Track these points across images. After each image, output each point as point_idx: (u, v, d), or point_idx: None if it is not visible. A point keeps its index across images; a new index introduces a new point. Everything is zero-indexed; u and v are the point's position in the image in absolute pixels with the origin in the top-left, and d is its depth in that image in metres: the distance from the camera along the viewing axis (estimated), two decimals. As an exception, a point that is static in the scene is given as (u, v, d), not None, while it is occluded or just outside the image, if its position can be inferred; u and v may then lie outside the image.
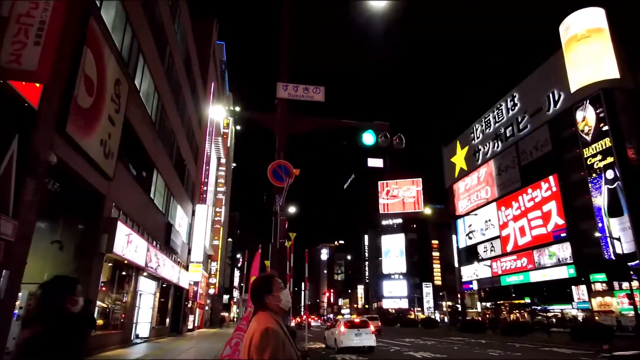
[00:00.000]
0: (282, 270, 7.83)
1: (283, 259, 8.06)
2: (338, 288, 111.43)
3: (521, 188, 41.56)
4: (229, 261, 55.33)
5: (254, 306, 2.41)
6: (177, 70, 20.70)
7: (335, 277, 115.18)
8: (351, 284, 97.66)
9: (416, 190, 74.20)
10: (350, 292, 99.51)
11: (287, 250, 11.10)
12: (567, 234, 35.24)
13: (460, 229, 54.14)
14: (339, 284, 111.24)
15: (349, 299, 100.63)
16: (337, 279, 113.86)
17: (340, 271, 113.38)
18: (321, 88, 8.19)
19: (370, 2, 9.61)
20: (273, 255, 7.12)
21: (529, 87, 41.94)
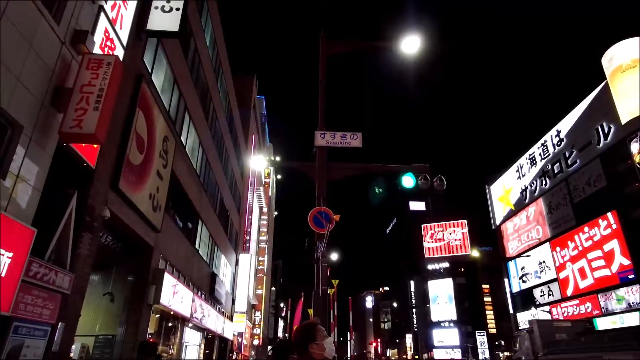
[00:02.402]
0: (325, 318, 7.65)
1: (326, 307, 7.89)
2: (385, 337, 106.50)
3: (576, 227, 39.10)
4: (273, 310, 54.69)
5: (297, 356, 2.36)
6: (220, 125, 21.79)
7: (381, 326, 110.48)
8: (399, 333, 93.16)
9: (462, 233, 71.54)
10: (398, 342, 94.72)
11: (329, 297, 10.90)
12: (635, 276, 32.35)
13: (512, 272, 51.13)
14: (386, 333, 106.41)
15: (397, 349, 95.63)
16: (384, 328, 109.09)
17: (386, 319, 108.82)
18: (358, 134, 8.33)
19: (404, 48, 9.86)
20: (316, 303, 7.00)
21: (573, 121, 40.59)
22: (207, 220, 18.57)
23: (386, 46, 9.52)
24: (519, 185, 50.36)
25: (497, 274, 59.15)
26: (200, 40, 16.80)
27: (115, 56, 6.70)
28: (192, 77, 15.53)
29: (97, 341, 9.67)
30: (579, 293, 38.70)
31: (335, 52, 9.78)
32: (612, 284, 34.63)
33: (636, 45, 33.95)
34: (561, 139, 42.34)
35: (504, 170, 54.05)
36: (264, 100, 47.39)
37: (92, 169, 7.43)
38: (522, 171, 49.81)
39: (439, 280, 71.91)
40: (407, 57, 9.57)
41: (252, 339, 34.02)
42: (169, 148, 11.86)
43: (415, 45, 8.98)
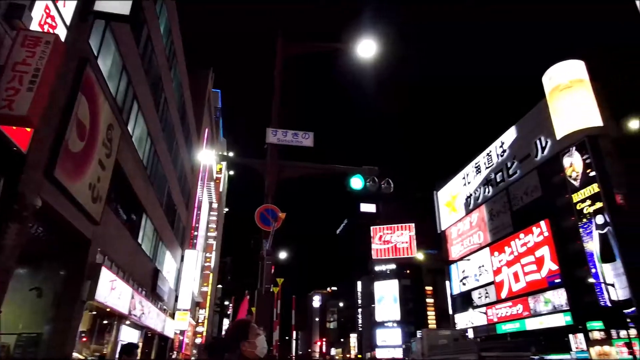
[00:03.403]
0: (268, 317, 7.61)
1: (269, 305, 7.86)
2: (330, 337, 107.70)
3: (513, 233, 41.61)
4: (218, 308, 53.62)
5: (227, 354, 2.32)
6: (172, 117, 21.06)
7: (327, 325, 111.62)
8: (344, 333, 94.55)
9: (409, 236, 73.88)
10: (343, 341, 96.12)
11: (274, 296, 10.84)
12: (561, 280, 34.92)
13: (453, 275, 53.50)
14: (332, 333, 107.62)
15: (342, 349, 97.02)
16: (330, 327, 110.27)
17: (333, 319, 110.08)
18: (310, 134, 8.36)
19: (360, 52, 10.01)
20: (259, 301, 6.94)
21: (516, 133, 43.14)
22: (152, 214, 17.88)
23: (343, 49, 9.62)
24: (464, 192, 52.78)
25: (441, 276, 61.64)
26: (153, 28, 16.15)
27: (55, 35, 6.27)
28: (143, 65, 14.90)
29: (20, 340, 9.00)
30: (512, 296, 41.21)
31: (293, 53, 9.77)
32: (542, 288, 37.20)
33: (573, 67, 36.69)
34: (504, 150, 44.86)
35: (452, 177, 56.48)
36: (219, 94, 46.36)
37: (23, 154, 6.91)
38: (467, 179, 52.24)
39: (386, 281, 73.74)
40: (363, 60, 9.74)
41: (195, 337, 33.18)
42: (114, 137, 11.29)
43: (372, 49, 9.15)
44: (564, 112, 35.72)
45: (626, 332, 24.96)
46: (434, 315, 70.25)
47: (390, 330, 71.03)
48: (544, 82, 38.47)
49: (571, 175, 34.11)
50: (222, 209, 51.33)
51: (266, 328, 6.70)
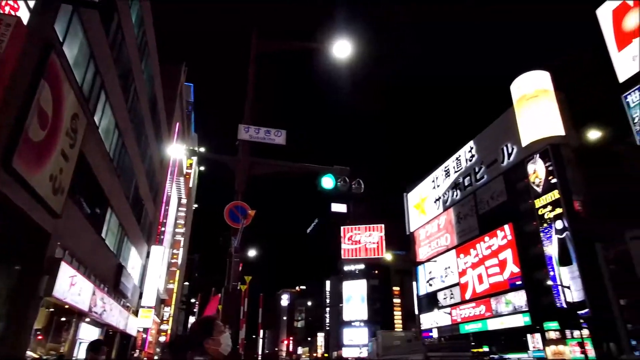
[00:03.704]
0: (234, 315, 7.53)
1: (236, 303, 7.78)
2: (298, 335, 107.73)
3: (479, 236, 42.79)
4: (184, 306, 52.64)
5: (191, 351, 2.27)
6: (142, 109, 20.49)
7: (295, 324, 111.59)
8: (312, 332, 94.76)
9: (378, 236, 74.75)
10: (310, 340, 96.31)
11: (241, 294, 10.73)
12: (522, 282, 36.19)
13: (420, 276, 54.51)
14: (299, 331, 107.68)
15: (309, 348, 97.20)
16: (297, 326, 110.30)
17: (300, 318, 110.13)
18: (283, 132, 8.32)
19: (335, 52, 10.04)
20: (226, 298, 6.86)
21: (485, 139, 44.37)
22: (118, 208, 17.35)
23: (318, 49, 9.61)
24: (433, 195, 53.87)
25: (408, 277, 62.69)
26: (125, 16, 15.66)
27: (17, 17, 5.99)
28: (113, 54, 14.43)
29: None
30: (476, 297, 42.41)
31: (267, 51, 9.69)
32: (504, 289, 38.46)
33: (539, 78, 38.08)
34: (473, 154, 46.07)
35: (422, 179, 57.55)
36: (192, 88, 45.51)
37: (-21, 141, 6.56)
38: (437, 182, 53.34)
39: (354, 281, 74.38)
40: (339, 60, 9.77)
41: (159, 335, 32.46)
42: (79, 127, 10.87)
43: (346, 50, 9.19)
44: (530, 120, 37.03)
45: (579, 333, 26.14)
46: (401, 315, 71.43)
47: (357, 330, 71.72)
48: (512, 91, 39.74)
49: (534, 182, 35.40)
50: (192, 204, 50.42)
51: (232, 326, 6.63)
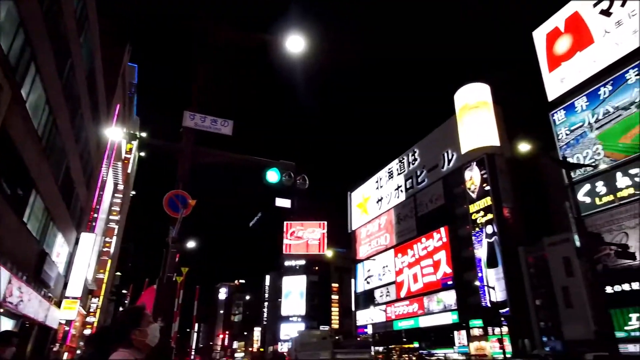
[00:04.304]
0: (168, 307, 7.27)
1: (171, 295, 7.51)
2: (234, 330, 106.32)
3: (416, 237, 44.61)
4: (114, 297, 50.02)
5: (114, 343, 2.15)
6: (78, 86, 19.11)
7: (232, 318, 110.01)
8: (249, 326, 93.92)
9: (321, 233, 75.52)
10: (246, 335, 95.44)
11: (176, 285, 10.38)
12: (453, 282, 38.27)
13: (359, 274, 55.86)
14: (236, 326, 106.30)
15: (245, 342, 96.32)
16: (234, 320, 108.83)
17: (238, 312, 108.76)
18: (230, 122, 8.14)
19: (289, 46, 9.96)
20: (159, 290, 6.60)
21: (428, 144, 46.26)
22: (44, 191, 16.08)
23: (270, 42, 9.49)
24: (376, 195, 55.38)
25: (347, 274, 63.95)
26: (63, -16, 14.51)
27: None
28: (47, 23, 13.31)
29: None
30: (410, 295, 44.28)
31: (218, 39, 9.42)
32: (436, 289, 40.47)
33: (480, 90, 40.35)
34: (416, 158, 47.89)
35: (366, 179, 58.92)
36: (136, 69, 43.19)
37: None
38: (380, 182, 54.88)
39: (294, 276, 74.62)
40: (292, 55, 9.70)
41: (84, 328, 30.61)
42: (2, 100, 9.95)
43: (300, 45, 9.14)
44: (469, 129, 39.15)
45: (500, 330, 28.13)
46: (338, 311, 72.74)
47: (295, 325, 72.02)
48: (455, 100, 41.77)
49: (470, 188, 37.51)
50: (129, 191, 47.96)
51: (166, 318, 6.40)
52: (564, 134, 29.11)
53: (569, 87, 29.30)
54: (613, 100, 26.20)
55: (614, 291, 23.94)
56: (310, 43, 9.59)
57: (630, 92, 25.16)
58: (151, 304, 7.63)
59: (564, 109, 29.58)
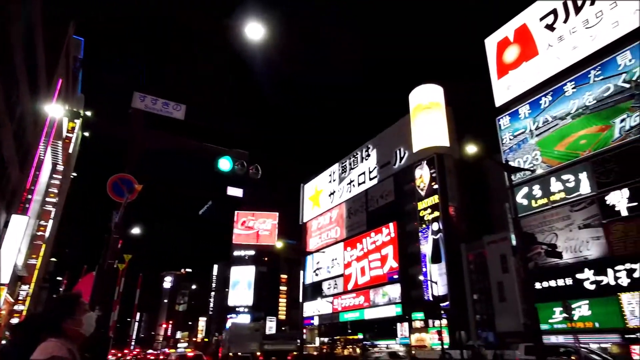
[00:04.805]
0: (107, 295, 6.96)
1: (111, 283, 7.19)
2: (178, 319, 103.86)
3: (366, 231, 45.58)
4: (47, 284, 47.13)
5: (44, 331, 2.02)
6: (14, 57, 17.65)
7: (176, 308, 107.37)
8: (194, 316, 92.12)
9: (272, 224, 75.26)
10: (191, 324, 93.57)
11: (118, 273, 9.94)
12: (399, 276, 39.56)
13: (308, 266, 56.31)
14: (180, 315, 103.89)
15: (189, 332, 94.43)
16: (179, 310, 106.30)
17: (183, 301, 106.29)
18: (182, 106, 7.87)
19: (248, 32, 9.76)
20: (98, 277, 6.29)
21: (381, 141, 47.22)
22: (-29, 168, 14.78)
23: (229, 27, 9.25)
24: (329, 189, 55.90)
25: (296, 266, 64.24)
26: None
27: None
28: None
29: None
30: (357, 288, 45.29)
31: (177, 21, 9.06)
32: (382, 282, 41.67)
33: (433, 91, 41.68)
34: (369, 154, 48.76)
35: (320, 172, 59.29)
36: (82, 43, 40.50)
37: None
38: (334, 176, 55.42)
39: (243, 266, 73.92)
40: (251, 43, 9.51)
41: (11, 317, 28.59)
42: None
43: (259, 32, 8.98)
44: (422, 129, 40.40)
45: (439, 322, 29.50)
46: (285, 302, 73.00)
47: (241, 316, 71.52)
48: (410, 99, 42.88)
49: (419, 186, 38.81)
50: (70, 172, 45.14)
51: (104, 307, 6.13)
52: (508, 138, 30.79)
53: (515, 95, 30.98)
54: (552, 110, 28.03)
55: (542, 287, 25.82)
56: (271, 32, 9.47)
57: (567, 103, 27.03)
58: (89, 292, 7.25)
59: (509, 115, 31.26)
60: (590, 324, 23.42)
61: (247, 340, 25.51)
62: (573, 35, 27.61)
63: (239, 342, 26.19)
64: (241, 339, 26.41)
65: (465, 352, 27.19)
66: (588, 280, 24.02)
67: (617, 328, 22.41)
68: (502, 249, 30.12)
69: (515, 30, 32.05)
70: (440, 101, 40.75)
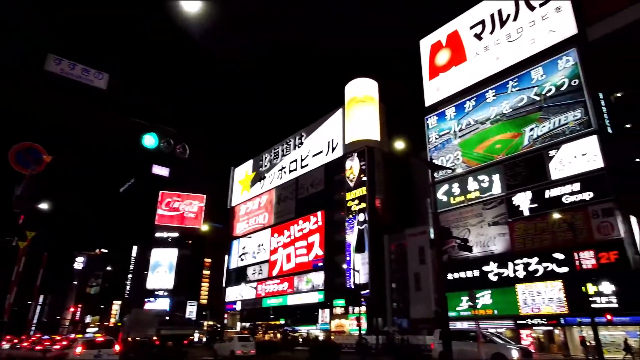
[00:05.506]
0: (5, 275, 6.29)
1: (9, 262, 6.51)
2: (89, 303, 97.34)
3: (294, 219, 45.89)
4: None
5: None
6: None
7: (88, 291, 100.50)
8: (107, 300, 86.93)
9: (198, 206, 72.98)
10: (103, 308, 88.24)
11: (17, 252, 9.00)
12: (323, 264, 40.45)
13: (234, 250, 55.58)
14: (92, 299, 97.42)
15: (101, 316, 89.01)
16: (91, 293, 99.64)
17: (96, 284, 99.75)
18: (105, 74, 7.25)
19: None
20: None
21: (315, 130, 47.55)
22: None
23: (164, -8, 8.70)
24: (260, 174, 55.30)
25: (221, 250, 63.02)
26: None
27: None
28: None
29: None
30: (282, 274, 45.59)
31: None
32: (307, 269, 42.35)
33: (368, 85, 42.73)
34: (302, 142, 48.90)
35: (251, 157, 58.38)
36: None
37: None
38: (265, 162, 54.90)
39: (165, 249, 70.98)
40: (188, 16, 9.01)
41: None
42: None
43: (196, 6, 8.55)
44: (355, 121, 41.34)
45: (359, 309, 30.75)
46: (208, 287, 71.52)
47: (160, 300, 68.82)
48: (346, 91, 43.57)
49: (349, 177, 39.79)
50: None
51: (-1, 289, 5.52)
52: (434, 137, 32.57)
53: (443, 97, 32.77)
54: (474, 114, 30.10)
55: (453, 278, 27.92)
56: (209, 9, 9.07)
57: (488, 109, 29.18)
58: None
59: (436, 115, 33.03)
60: (490, 311, 25.86)
61: (145, 326, 26.86)
62: (497, 46, 29.74)
63: (137, 328, 27.38)
64: (140, 325, 27.67)
65: (381, 338, 28.68)
66: (492, 273, 26.42)
67: (512, 315, 24.98)
68: (421, 242, 32.00)
69: (448, 35, 33.76)
70: (374, 96, 41.91)
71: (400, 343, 27.01)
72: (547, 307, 23.41)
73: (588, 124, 23.66)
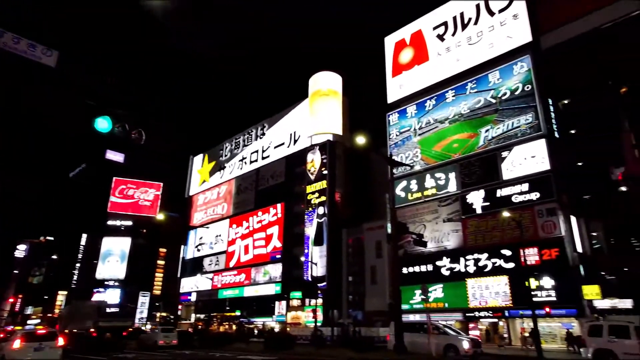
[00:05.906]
0: None
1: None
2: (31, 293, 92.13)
3: (254, 210, 45.49)
4: None
5: None
6: None
7: (30, 280, 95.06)
8: (52, 290, 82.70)
9: (154, 195, 70.72)
10: (47, 299, 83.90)
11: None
12: (281, 256, 40.42)
13: (190, 240, 54.40)
14: (34, 289, 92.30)
15: (44, 307, 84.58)
16: (33, 282, 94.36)
17: (39, 273, 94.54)
18: (55, 52, 6.84)
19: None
20: None
21: (278, 121, 47.20)
22: None
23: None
24: (220, 163, 54.26)
25: (177, 240, 61.44)
26: None
27: None
28: None
29: None
30: (240, 265, 45.15)
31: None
32: (265, 261, 42.17)
33: (333, 79, 42.79)
34: (264, 133, 48.40)
35: (211, 146, 57.13)
36: None
37: None
38: (225, 151, 53.92)
39: (118, 238, 68.32)
40: None
41: None
42: None
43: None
44: (318, 114, 41.38)
45: (315, 302, 31.02)
46: (162, 277, 69.65)
47: (110, 290, 66.30)
48: (310, 84, 43.45)
49: (310, 170, 39.85)
50: None
51: None
52: (395, 134, 33.19)
53: (405, 94, 33.41)
54: (434, 113, 30.93)
55: (408, 272, 28.74)
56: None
57: (447, 109, 30.07)
58: None
59: (397, 113, 33.64)
60: (442, 304, 26.88)
61: (83, 318, 26.35)
62: (458, 48, 30.63)
63: (75, 320, 26.93)
64: (77, 317, 27.14)
65: (336, 329, 29.10)
66: (445, 267, 27.42)
67: (461, 308, 26.08)
68: (378, 236, 32.64)
69: (412, 34, 34.37)
70: (338, 90, 42.07)
71: (353, 335, 27.55)
72: (494, 301, 24.64)
73: (538, 127, 24.94)
